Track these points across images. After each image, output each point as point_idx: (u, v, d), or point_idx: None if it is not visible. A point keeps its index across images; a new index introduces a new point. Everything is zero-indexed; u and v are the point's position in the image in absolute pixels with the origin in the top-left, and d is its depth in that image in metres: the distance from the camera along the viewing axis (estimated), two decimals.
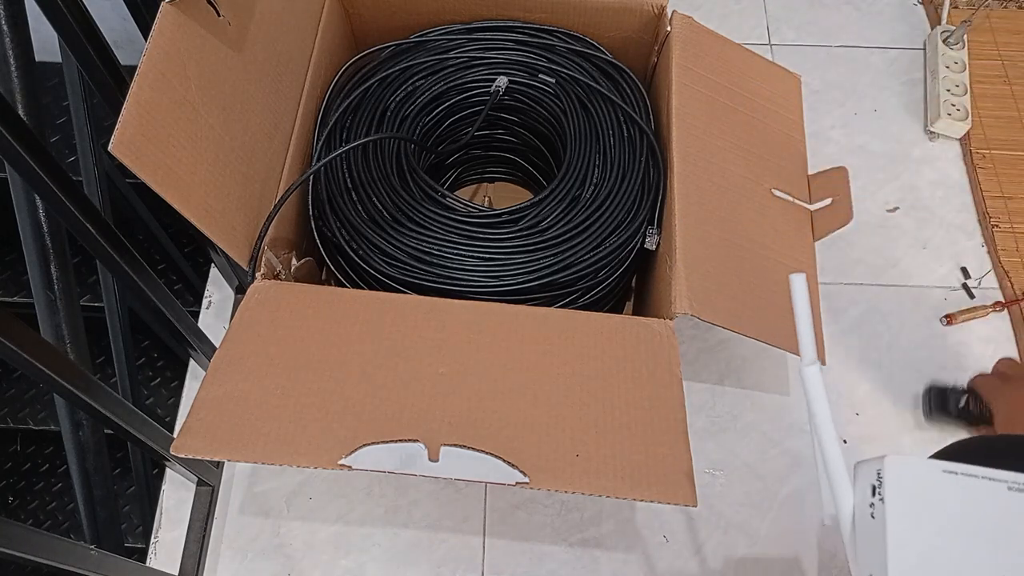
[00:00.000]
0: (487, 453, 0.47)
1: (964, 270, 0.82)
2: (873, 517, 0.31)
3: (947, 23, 0.96)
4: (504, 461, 0.47)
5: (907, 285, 0.82)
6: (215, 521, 0.70)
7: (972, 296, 0.81)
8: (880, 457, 0.32)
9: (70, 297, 0.65)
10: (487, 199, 0.83)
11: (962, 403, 0.70)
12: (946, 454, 0.40)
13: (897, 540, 0.30)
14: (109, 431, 0.59)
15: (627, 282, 0.70)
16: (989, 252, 0.83)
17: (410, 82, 0.71)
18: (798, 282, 0.40)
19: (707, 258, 0.58)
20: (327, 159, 0.63)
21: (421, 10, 0.73)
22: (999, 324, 0.79)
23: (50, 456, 1.27)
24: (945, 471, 0.30)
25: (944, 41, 0.93)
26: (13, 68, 0.62)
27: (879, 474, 0.32)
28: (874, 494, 0.32)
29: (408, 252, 0.62)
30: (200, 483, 0.70)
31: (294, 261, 0.63)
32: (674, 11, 0.68)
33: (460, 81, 0.71)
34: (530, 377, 0.52)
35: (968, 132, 0.89)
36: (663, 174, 0.64)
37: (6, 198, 0.63)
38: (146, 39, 0.49)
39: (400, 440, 0.47)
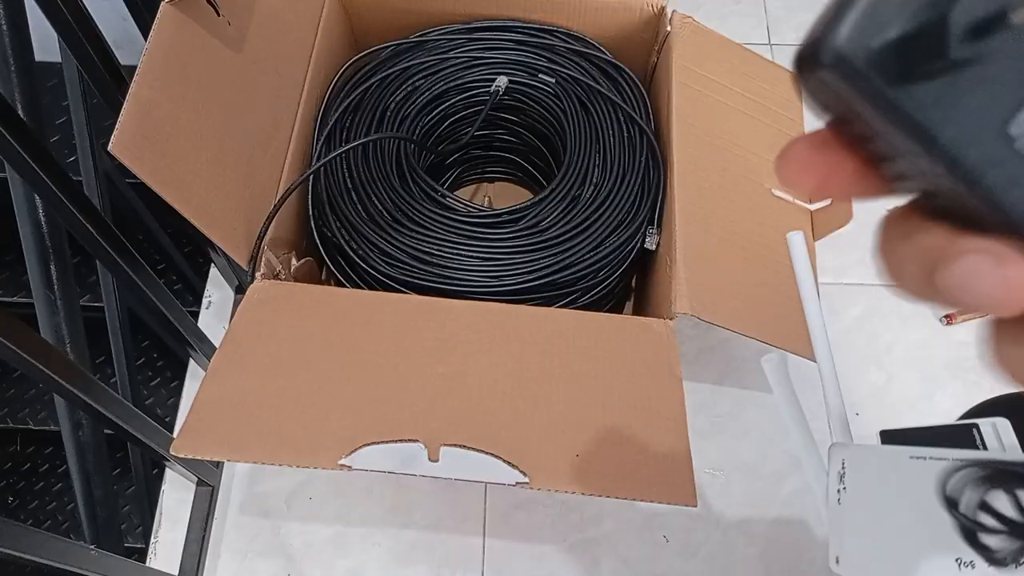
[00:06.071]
0: (487, 453, 0.47)
1: None
2: (840, 503, 0.31)
3: None
4: (504, 461, 0.46)
5: None
6: (215, 521, 0.70)
7: None
8: (844, 444, 0.32)
9: (70, 297, 0.64)
10: (487, 199, 0.83)
11: None
12: (974, 412, 0.39)
13: (855, 529, 0.29)
14: (109, 431, 0.59)
15: (627, 282, 0.70)
16: None
17: (410, 82, 0.71)
18: (796, 240, 0.37)
19: (707, 258, 0.58)
20: (327, 159, 0.63)
21: (421, 10, 0.73)
22: None
23: (50, 456, 1.27)
24: (913, 456, 0.28)
25: None
26: (13, 68, 0.62)
27: (843, 462, 0.31)
28: (840, 481, 0.31)
29: (408, 252, 0.62)
30: (200, 483, 0.70)
31: (294, 261, 0.63)
32: (674, 11, 0.68)
33: (460, 81, 0.71)
34: (530, 377, 0.51)
35: None
36: (663, 174, 0.64)
37: (6, 198, 0.63)
38: (146, 39, 0.49)
39: (400, 440, 0.47)
